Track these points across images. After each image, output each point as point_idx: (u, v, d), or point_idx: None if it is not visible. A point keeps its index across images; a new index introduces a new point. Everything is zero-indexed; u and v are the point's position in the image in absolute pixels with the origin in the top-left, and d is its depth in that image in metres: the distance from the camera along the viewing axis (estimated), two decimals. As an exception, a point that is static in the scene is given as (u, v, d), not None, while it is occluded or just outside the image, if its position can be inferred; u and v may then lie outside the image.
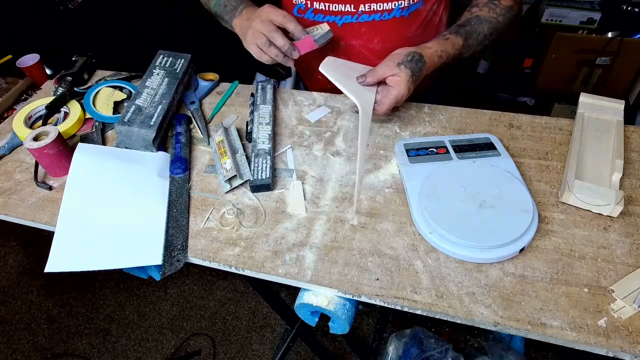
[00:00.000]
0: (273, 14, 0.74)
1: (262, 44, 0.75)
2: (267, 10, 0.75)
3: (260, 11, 0.76)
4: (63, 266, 0.60)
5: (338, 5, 0.82)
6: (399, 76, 0.71)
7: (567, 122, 0.78)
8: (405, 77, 0.71)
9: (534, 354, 1.38)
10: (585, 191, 0.62)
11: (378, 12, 0.82)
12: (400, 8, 0.82)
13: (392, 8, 0.82)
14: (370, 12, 0.83)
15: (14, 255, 1.86)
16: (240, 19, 0.81)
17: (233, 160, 0.72)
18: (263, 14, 0.75)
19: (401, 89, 0.71)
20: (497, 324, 0.53)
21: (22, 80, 1.02)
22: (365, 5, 0.82)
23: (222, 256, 0.62)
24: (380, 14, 0.82)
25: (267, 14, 0.75)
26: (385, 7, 0.82)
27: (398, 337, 1.33)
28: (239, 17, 0.81)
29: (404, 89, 0.72)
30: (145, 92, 0.81)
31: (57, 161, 0.73)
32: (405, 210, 0.66)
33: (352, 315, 0.60)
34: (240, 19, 0.81)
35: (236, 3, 0.84)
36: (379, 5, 0.81)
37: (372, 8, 0.82)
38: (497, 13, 0.80)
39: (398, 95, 0.72)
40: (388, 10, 0.82)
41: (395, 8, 0.82)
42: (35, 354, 1.55)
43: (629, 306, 0.52)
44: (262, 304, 1.62)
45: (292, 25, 0.75)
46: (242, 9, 0.82)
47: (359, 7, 0.82)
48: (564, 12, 1.81)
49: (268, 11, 0.75)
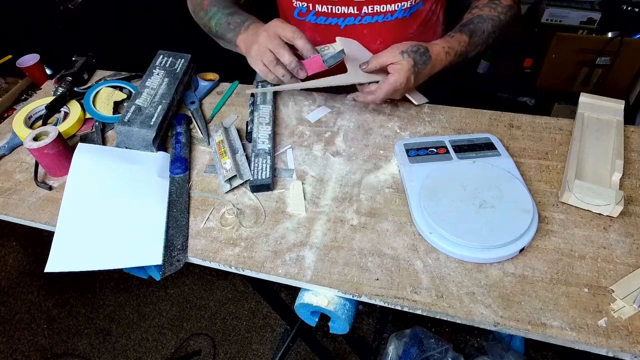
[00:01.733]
0: (281, 29, 0.70)
1: (269, 61, 0.71)
2: (275, 24, 0.71)
3: (267, 25, 0.72)
4: (63, 266, 0.60)
5: (341, 8, 0.82)
6: (400, 64, 0.71)
7: (567, 122, 0.78)
8: (407, 66, 0.71)
9: (534, 354, 1.38)
10: (585, 191, 0.62)
11: (381, 14, 0.82)
12: (403, 9, 0.82)
13: (395, 9, 0.81)
14: (373, 14, 0.82)
15: (14, 255, 1.86)
16: (246, 34, 0.77)
17: (233, 160, 0.72)
18: (270, 28, 0.71)
19: (400, 76, 0.71)
20: (497, 324, 0.53)
21: (22, 80, 1.02)
22: (368, 7, 0.81)
23: (222, 256, 0.62)
24: (384, 15, 0.82)
25: (274, 28, 0.71)
26: (388, 9, 0.81)
27: (398, 337, 1.33)
28: (244, 32, 0.77)
29: (403, 77, 0.71)
30: (145, 92, 0.81)
31: (57, 161, 0.73)
32: (405, 210, 0.66)
33: (352, 315, 0.60)
34: (246, 34, 0.77)
35: (241, 20, 0.79)
36: (382, 7, 0.81)
37: (376, 10, 0.81)
38: (498, 12, 0.80)
39: (396, 82, 0.71)
40: (391, 12, 0.82)
41: (398, 9, 0.81)
42: (35, 354, 1.55)
43: (629, 306, 0.52)
44: (262, 304, 1.62)
45: (301, 42, 0.70)
46: (249, 25, 0.78)
47: (362, 9, 0.81)
48: (564, 12, 1.81)
49: (276, 25, 0.71)
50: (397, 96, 0.75)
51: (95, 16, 1.78)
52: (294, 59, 0.70)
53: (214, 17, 0.83)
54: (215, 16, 0.83)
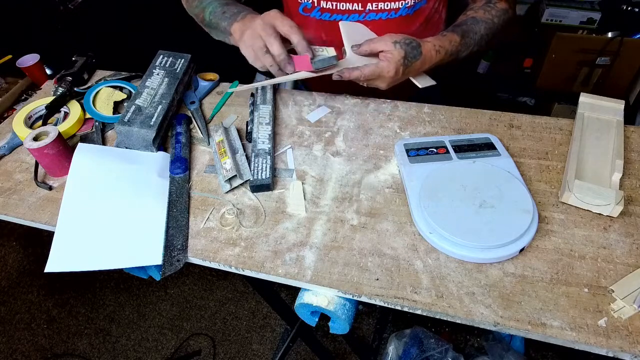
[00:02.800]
0: (278, 21, 0.69)
1: (259, 48, 0.70)
2: (272, 14, 0.70)
3: (265, 14, 0.71)
4: (63, 266, 0.60)
5: (346, 4, 0.82)
6: (392, 53, 0.71)
7: (567, 122, 0.78)
8: (398, 57, 0.70)
9: (534, 354, 1.38)
10: (585, 191, 0.62)
11: (385, 11, 0.82)
12: (406, 7, 0.82)
13: (399, 7, 0.82)
14: (377, 11, 0.82)
15: (14, 255, 1.86)
16: (241, 23, 0.76)
17: (233, 160, 0.72)
18: (267, 17, 0.70)
19: (390, 65, 0.70)
20: (497, 324, 0.53)
21: (22, 80, 1.02)
22: (372, 4, 0.81)
23: (222, 256, 0.62)
24: (387, 12, 0.83)
25: (271, 18, 0.70)
26: (392, 6, 0.82)
27: (398, 337, 1.33)
28: (240, 21, 0.76)
29: (392, 67, 0.71)
30: (145, 92, 0.81)
31: (57, 161, 0.73)
32: (405, 210, 0.66)
33: (352, 315, 0.60)
34: (241, 23, 0.76)
35: (238, 10, 0.78)
36: (386, 5, 0.81)
37: (380, 7, 0.82)
38: (492, 15, 0.80)
39: (384, 69, 0.71)
40: (395, 10, 0.82)
41: (402, 7, 0.82)
42: (35, 354, 1.55)
43: (629, 306, 0.52)
44: (262, 304, 1.62)
45: (296, 38, 0.69)
46: (245, 15, 0.77)
47: (367, 6, 0.82)
48: (564, 12, 1.81)
49: (273, 16, 0.70)
50: (382, 85, 0.74)
51: (95, 16, 1.78)
52: (283, 52, 0.69)
53: (209, 6, 0.82)
54: (210, 5, 0.82)
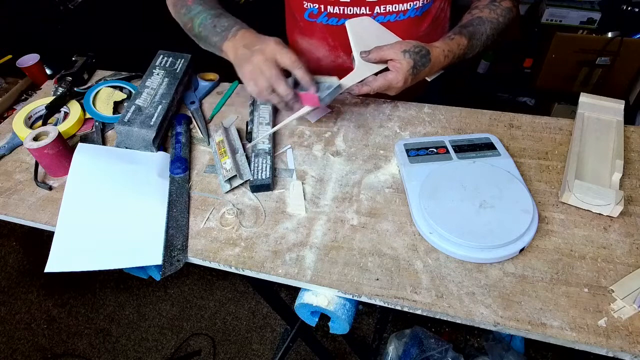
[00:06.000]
0: (280, 55, 0.66)
1: (264, 88, 0.67)
2: (273, 47, 0.66)
3: (265, 45, 0.67)
4: (63, 266, 0.60)
5: (353, 9, 0.81)
6: (400, 64, 0.70)
7: (567, 122, 0.78)
8: (407, 67, 0.70)
9: (534, 354, 1.38)
10: (585, 191, 0.62)
11: (393, 13, 0.82)
12: (415, 8, 0.81)
13: (408, 9, 0.81)
14: (385, 14, 0.81)
15: (14, 255, 1.86)
16: (234, 42, 0.71)
17: (233, 160, 0.72)
18: (268, 51, 0.66)
19: (398, 76, 0.70)
20: (497, 324, 0.53)
21: (22, 80, 1.02)
22: (381, 7, 0.80)
23: (222, 256, 0.62)
24: (396, 15, 0.82)
25: (272, 52, 0.66)
26: (400, 8, 0.81)
27: (398, 337, 1.33)
28: (232, 39, 0.72)
29: (401, 77, 0.70)
30: (145, 92, 0.81)
31: (57, 161, 0.73)
32: (405, 210, 0.66)
33: (352, 315, 0.60)
34: (234, 42, 0.71)
35: (228, 24, 0.74)
36: (394, 7, 0.80)
37: (388, 9, 0.81)
38: (497, 14, 0.80)
39: (393, 80, 0.71)
40: (403, 11, 0.81)
41: (411, 8, 0.81)
42: (35, 354, 1.55)
43: (629, 306, 0.52)
44: (262, 304, 1.62)
45: (300, 73, 0.67)
46: (237, 31, 0.72)
47: (375, 9, 0.81)
48: (564, 12, 1.81)
49: (275, 49, 0.66)
50: (391, 92, 0.74)
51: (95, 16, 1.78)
52: (290, 92, 0.67)
53: (198, 16, 0.77)
54: (199, 16, 0.77)
